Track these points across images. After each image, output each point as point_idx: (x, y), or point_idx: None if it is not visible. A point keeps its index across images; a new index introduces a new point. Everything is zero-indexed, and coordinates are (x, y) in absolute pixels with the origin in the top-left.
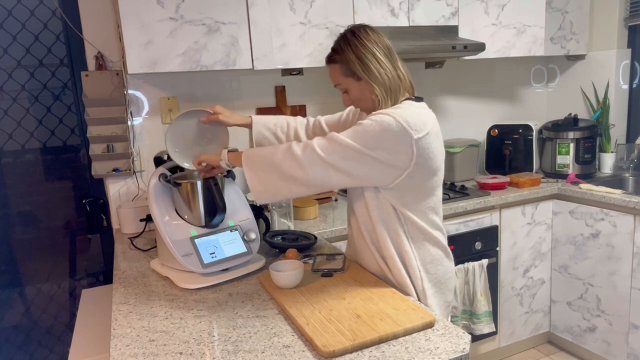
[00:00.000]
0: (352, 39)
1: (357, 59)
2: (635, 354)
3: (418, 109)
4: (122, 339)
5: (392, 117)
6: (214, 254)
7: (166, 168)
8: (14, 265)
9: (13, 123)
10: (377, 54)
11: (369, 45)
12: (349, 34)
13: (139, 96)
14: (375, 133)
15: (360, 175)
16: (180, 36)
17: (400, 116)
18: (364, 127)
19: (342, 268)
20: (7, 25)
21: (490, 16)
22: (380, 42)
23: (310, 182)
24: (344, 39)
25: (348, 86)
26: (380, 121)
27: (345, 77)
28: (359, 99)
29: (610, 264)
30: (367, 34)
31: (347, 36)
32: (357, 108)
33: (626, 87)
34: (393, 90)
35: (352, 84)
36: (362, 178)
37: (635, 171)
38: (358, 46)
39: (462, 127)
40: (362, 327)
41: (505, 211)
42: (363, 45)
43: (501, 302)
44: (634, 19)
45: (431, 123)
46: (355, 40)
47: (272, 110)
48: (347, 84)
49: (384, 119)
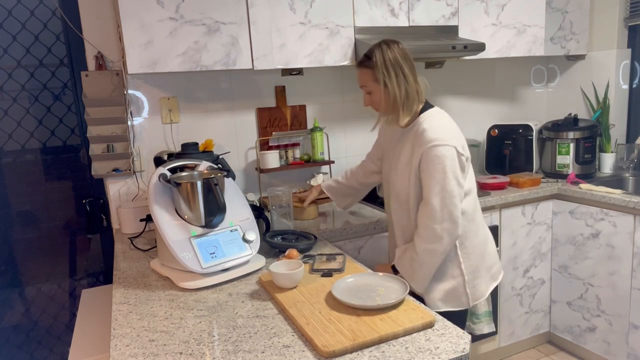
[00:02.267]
0: (386, 51)
1: (386, 70)
2: (635, 354)
3: (441, 120)
4: (122, 339)
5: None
6: (214, 254)
7: (166, 168)
8: (14, 265)
9: (13, 123)
10: (404, 69)
11: (400, 60)
12: (384, 46)
13: (139, 96)
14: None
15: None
16: (180, 36)
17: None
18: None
19: (342, 268)
20: (7, 25)
21: (490, 16)
22: (408, 59)
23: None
24: (380, 50)
25: (374, 90)
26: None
27: (375, 82)
28: (379, 102)
29: (610, 264)
30: (400, 50)
31: (382, 48)
32: (374, 108)
33: (626, 87)
34: (409, 102)
35: (377, 89)
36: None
37: (635, 171)
38: (391, 59)
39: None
40: (362, 327)
41: (505, 211)
42: (395, 59)
43: (501, 302)
44: (634, 19)
45: (453, 127)
46: (389, 53)
47: (272, 110)
48: (374, 88)
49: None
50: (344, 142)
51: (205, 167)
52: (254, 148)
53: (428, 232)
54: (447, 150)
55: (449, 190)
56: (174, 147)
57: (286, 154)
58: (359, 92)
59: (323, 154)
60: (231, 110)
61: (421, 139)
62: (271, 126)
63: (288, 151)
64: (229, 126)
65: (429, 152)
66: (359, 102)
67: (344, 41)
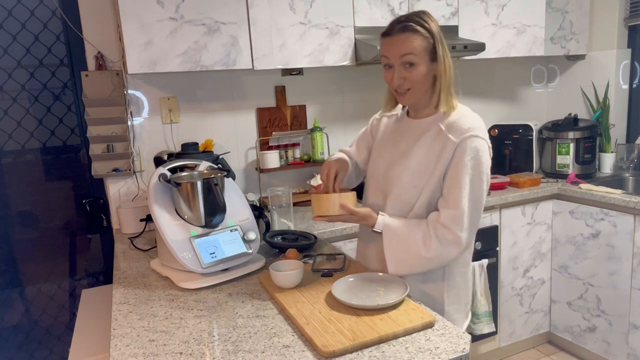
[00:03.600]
0: (434, 20)
1: (441, 44)
2: (635, 354)
3: (476, 115)
4: (122, 339)
5: (483, 140)
6: (214, 254)
7: (166, 168)
8: (14, 265)
9: (13, 123)
10: (447, 47)
11: (443, 36)
12: (429, 15)
13: (139, 96)
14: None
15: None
16: (180, 36)
17: (485, 134)
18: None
19: (342, 268)
20: (7, 25)
21: (490, 16)
22: None
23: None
24: (430, 18)
25: (420, 62)
26: (478, 154)
27: (424, 52)
28: (419, 81)
29: (610, 264)
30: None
31: (431, 17)
32: (405, 90)
33: (626, 87)
34: (449, 89)
35: (424, 62)
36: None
37: (635, 171)
38: (440, 31)
39: None
40: (362, 327)
41: (505, 211)
42: (442, 32)
43: (501, 302)
44: (634, 19)
45: None
46: (437, 25)
47: (272, 110)
48: (421, 60)
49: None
50: (344, 142)
51: (205, 167)
52: (254, 148)
53: (450, 237)
54: (485, 144)
55: (480, 194)
56: (174, 147)
57: (286, 154)
58: (359, 92)
59: (323, 154)
60: (231, 110)
61: (456, 127)
62: (271, 126)
63: (288, 151)
64: (229, 126)
65: (468, 142)
66: (359, 102)
67: (344, 41)
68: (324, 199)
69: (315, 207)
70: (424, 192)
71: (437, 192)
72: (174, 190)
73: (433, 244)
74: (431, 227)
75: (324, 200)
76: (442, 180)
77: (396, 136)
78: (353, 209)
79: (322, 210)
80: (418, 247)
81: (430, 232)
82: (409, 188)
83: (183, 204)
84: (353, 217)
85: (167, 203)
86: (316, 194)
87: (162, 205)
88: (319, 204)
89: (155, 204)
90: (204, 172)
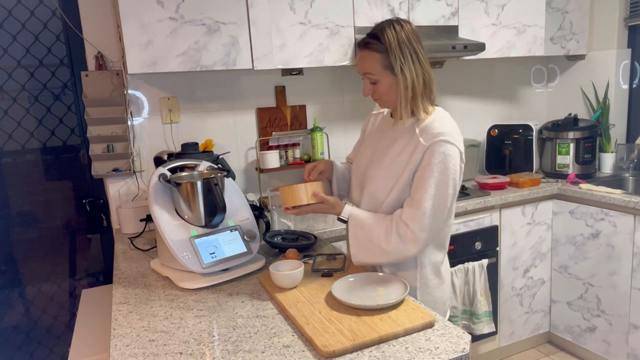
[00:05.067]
0: (400, 31)
1: (401, 54)
2: (635, 354)
3: (451, 120)
4: (122, 339)
5: (453, 146)
6: (214, 254)
7: (166, 168)
8: (14, 265)
9: (13, 123)
10: (419, 54)
11: (413, 42)
12: (396, 25)
13: (139, 96)
14: (449, 176)
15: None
16: (180, 36)
17: (456, 140)
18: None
19: (342, 268)
20: (7, 25)
21: (490, 16)
22: (421, 42)
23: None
24: (392, 29)
25: (380, 78)
26: (445, 159)
27: (383, 69)
28: (385, 93)
29: (610, 264)
30: (412, 30)
31: (394, 26)
32: (375, 101)
33: (626, 87)
34: (428, 91)
35: (386, 77)
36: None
37: (635, 171)
38: (405, 40)
39: (462, 127)
40: (362, 327)
41: (505, 211)
42: (409, 40)
43: (501, 302)
44: (634, 19)
45: None
46: (403, 33)
47: (272, 110)
48: (381, 76)
49: (448, 152)
50: (344, 142)
51: (205, 167)
52: (254, 148)
53: (409, 235)
54: (455, 150)
55: (446, 198)
56: (174, 147)
57: (286, 154)
58: (359, 92)
59: (323, 154)
60: (231, 110)
61: (428, 131)
62: (271, 126)
63: (288, 151)
64: (229, 126)
65: (437, 146)
66: (359, 102)
67: (344, 41)
68: (293, 189)
69: (287, 198)
70: (393, 191)
71: (405, 193)
72: (174, 190)
73: (393, 238)
74: (394, 222)
75: (295, 190)
76: (411, 181)
77: (379, 135)
78: (324, 197)
79: (292, 201)
80: (380, 239)
81: (392, 227)
82: (381, 186)
83: (183, 204)
84: (322, 205)
85: (167, 203)
86: (285, 186)
87: (162, 205)
88: (290, 194)
89: (155, 204)
90: (204, 172)
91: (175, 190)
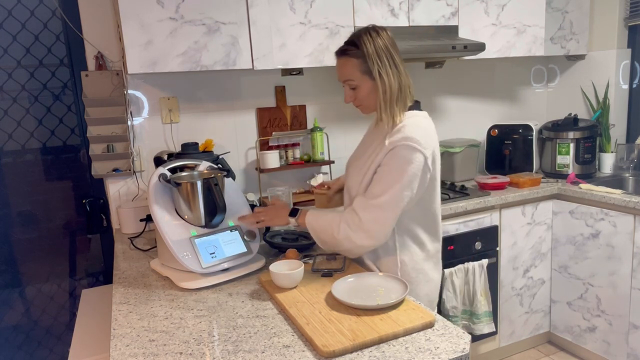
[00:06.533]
0: (376, 38)
1: (379, 59)
2: (635, 354)
3: (426, 124)
4: (122, 339)
5: (416, 151)
6: (214, 254)
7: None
8: (14, 265)
9: (13, 123)
10: (396, 59)
11: (390, 49)
12: (372, 32)
13: (139, 96)
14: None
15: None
16: (180, 36)
17: (422, 146)
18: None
19: (342, 268)
20: (7, 25)
21: (490, 16)
22: (397, 49)
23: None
24: (368, 35)
25: (360, 84)
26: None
27: (362, 74)
28: (366, 98)
29: (610, 264)
30: (389, 37)
31: (371, 34)
32: (357, 106)
33: (626, 87)
34: (403, 97)
35: (365, 82)
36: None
37: (635, 171)
38: (382, 47)
39: (462, 127)
40: (362, 327)
41: (505, 211)
42: (386, 47)
43: (501, 302)
44: (634, 19)
45: (435, 137)
46: (379, 40)
47: (272, 110)
48: (361, 82)
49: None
50: (344, 142)
51: (205, 167)
52: (254, 148)
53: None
54: (417, 157)
55: (400, 198)
56: (174, 147)
57: (286, 154)
58: None
59: (323, 154)
60: (231, 110)
61: (394, 134)
62: (271, 126)
63: (288, 151)
64: (229, 126)
65: (399, 150)
66: None
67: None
68: None
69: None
70: (360, 188)
71: None
72: (174, 190)
73: (342, 226)
74: (346, 211)
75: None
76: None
77: (366, 136)
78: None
79: None
80: (332, 228)
81: (343, 216)
82: (354, 183)
83: (183, 204)
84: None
85: (167, 203)
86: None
87: (162, 205)
88: None
89: (155, 204)
90: (204, 172)
91: (175, 190)
